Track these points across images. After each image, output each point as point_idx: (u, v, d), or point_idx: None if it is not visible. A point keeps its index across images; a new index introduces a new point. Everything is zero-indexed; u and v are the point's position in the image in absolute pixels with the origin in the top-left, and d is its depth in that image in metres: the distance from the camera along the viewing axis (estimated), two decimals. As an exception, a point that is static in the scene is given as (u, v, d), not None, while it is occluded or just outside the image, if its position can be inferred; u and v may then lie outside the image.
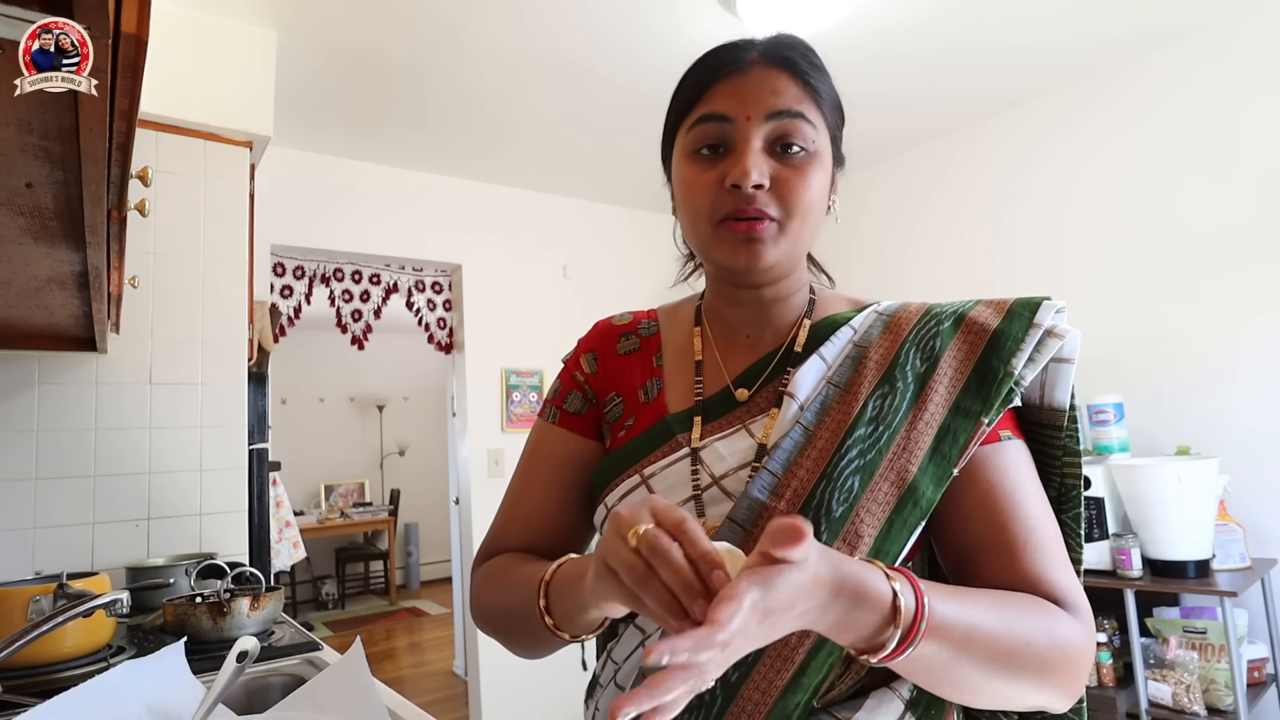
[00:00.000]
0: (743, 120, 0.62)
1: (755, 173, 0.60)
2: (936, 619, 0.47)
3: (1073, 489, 0.65)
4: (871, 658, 0.46)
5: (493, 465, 3.21)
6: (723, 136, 0.63)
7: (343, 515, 6.28)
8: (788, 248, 0.64)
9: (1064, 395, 0.64)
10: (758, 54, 0.64)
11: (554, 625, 0.57)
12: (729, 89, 0.63)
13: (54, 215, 0.78)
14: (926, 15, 2.15)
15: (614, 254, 3.67)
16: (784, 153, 0.62)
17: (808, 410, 0.63)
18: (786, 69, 0.63)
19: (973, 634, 0.49)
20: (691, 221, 0.66)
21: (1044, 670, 0.52)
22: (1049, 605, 0.54)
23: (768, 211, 0.62)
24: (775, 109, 0.62)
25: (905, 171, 3.17)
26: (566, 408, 0.77)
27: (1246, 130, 2.19)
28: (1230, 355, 2.20)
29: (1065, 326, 0.63)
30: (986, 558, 0.58)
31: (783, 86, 0.63)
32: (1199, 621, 2.00)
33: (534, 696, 3.09)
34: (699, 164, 0.64)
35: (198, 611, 1.26)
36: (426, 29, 2.11)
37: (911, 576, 0.48)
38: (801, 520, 0.40)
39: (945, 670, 0.49)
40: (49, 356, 1.70)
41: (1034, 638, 0.51)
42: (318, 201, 2.90)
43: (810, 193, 0.63)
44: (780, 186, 0.62)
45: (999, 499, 0.59)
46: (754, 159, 0.61)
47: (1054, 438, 0.65)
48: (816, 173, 0.63)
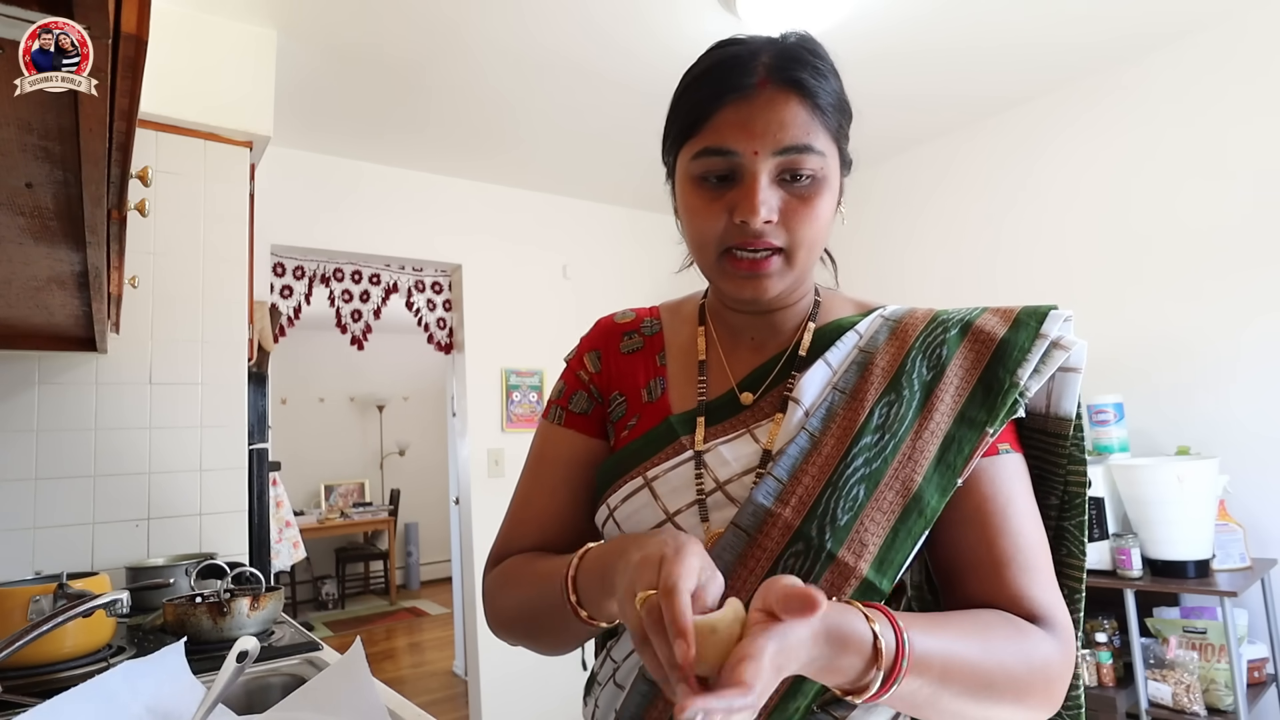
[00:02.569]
0: (750, 155, 0.60)
1: (764, 209, 0.59)
2: (917, 656, 0.47)
3: (1077, 497, 0.65)
4: (858, 698, 0.47)
5: (493, 465, 3.21)
6: (729, 169, 0.61)
7: (343, 515, 6.28)
8: (794, 278, 0.64)
9: (1071, 405, 0.64)
10: (765, 73, 0.61)
11: (588, 616, 0.57)
12: (735, 118, 0.60)
13: (54, 215, 0.78)
14: (927, 15, 2.15)
15: (614, 254, 3.67)
16: (792, 180, 0.61)
17: (813, 416, 0.63)
18: (795, 91, 0.60)
19: (952, 665, 0.50)
20: (698, 248, 0.65)
21: (1020, 692, 0.53)
22: (1025, 626, 0.55)
23: (774, 243, 0.61)
24: (783, 144, 0.59)
25: (906, 171, 3.17)
26: (572, 408, 0.76)
27: (1247, 130, 2.19)
28: (1230, 355, 2.20)
29: (1072, 337, 0.63)
30: (973, 572, 0.59)
31: (790, 116, 0.60)
32: (1199, 621, 2.00)
33: (534, 696, 3.09)
34: (704, 192, 0.62)
35: (198, 611, 1.26)
36: (427, 28, 2.11)
37: (890, 614, 0.48)
38: (815, 591, 0.41)
39: (928, 701, 0.50)
40: (49, 356, 1.70)
41: (1011, 662, 0.53)
42: (318, 201, 2.90)
43: (818, 222, 0.62)
44: (788, 217, 0.61)
45: (990, 514, 0.59)
46: (763, 194, 0.59)
47: (1059, 446, 0.65)
48: (824, 199, 0.62)
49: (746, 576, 0.58)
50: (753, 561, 0.58)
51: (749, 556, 0.59)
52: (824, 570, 0.57)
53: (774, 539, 0.58)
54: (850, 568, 0.56)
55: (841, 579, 0.56)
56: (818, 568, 0.57)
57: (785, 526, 0.58)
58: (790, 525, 0.58)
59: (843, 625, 0.45)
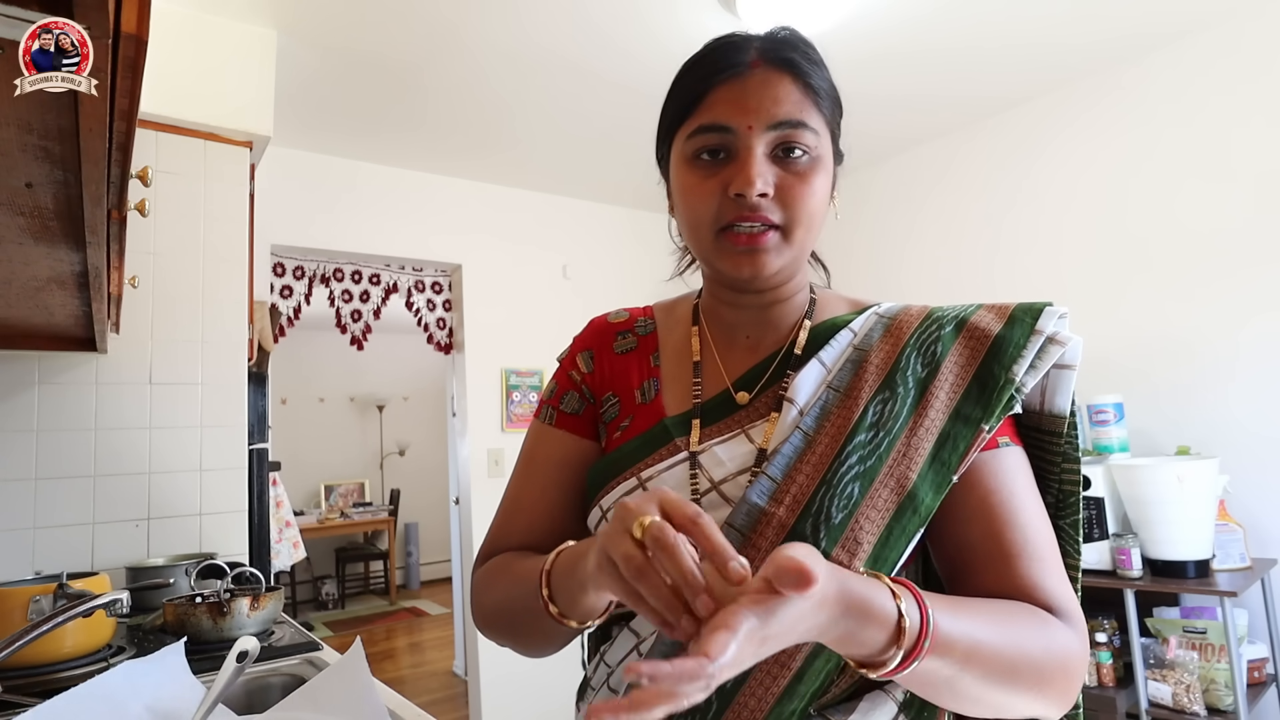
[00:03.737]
0: (744, 130, 0.60)
1: (760, 181, 0.59)
2: (940, 635, 0.47)
3: (1071, 495, 0.65)
4: (873, 672, 0.46)
5: (493, 465, 3.21)
6: (724, 144, 0.62)
7: (343, 515, 6.28)
8: (792, 255, 0.64)
9: (1064, 402, 0.63)
10: (757, 55, 0.62)
11: (559, 614, 0.56)
12: (729, 95, 0.61)
13: (54, 215, 0.78)
14: (926, 15, 2.15)
15: (614, 254, 3.67)
16: (786, 157, 0.62)
17: (807, 415, 0.63)
18: (788, 71, 0.62)
19: (975, 649, 0.49)
20: (692, 229, 0.65)
21: (1041, 682, 0.52)
22: (1046, 616, 0.55)
23: (771, 219, 0.61)
24: (777, 119, 0.60)
25: (905, 171, 3.17)
26: (563, 408, 0.76)
27: (1246, 131, 2.19)
28: (1230, 355, 2.20)
29: (1067, 334, 0.62)
30: (982, 565, 0.58)
31: (784, 93, 0.61)
32: (1199, 621, 2.00)
33: (534, 696, 3.09)
34: (700, 170, 0.63)
35: (198, 611, 1.26)
36: (426, 29, 2.11)
37: (916, 591, 0.48)
38: (811, 566, 0.39)
39: (946, 683, 0.49)
40: (49, 356, 1.70)
41: (1033, 650, 0.52)
42: (317, 201, 2.90)
43: (814, 199, 0.62)
44: (784, 193, 0.61)
45: (995, 506, 0.59)
46: (758, 167, 0.60)
47: (1053, 444, 0.65)
48: (819, 177, 0.62)
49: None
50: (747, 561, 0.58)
51: (743, 556, 0.58)
52: None
53: (768, 538, 0.58)
54: (844, 566, 0.55)
55: None
56: None
57: (779, 526, 0.58)
58: (784, 524, 0.58)
59: (868, 597, 0.44)
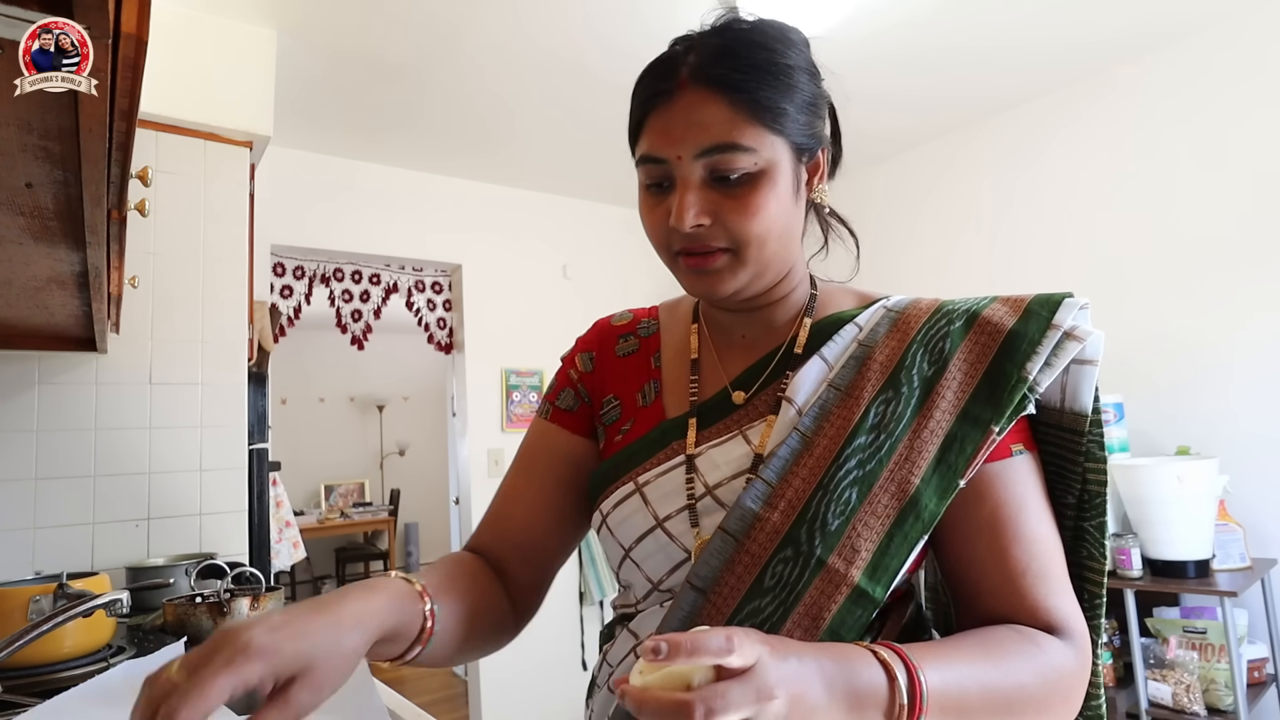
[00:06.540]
0: (675, 160, 0.59)
1: (690, 214, 0.58)
2: (934, 695, 0.47)
3: (1096, 496, 0.62)
4: None
5: (493, 465, 3.21)
6: (664, 175, 0.61)
7: (343, 515, 6.28)
8: (752, 273, 0.62)
9: (1087, 399, 0.60)
10: (687, 74, 0.59)
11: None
12: (659, 124, 0.60)
13: (54, 215, 0.78)
14: (927, 15, 2.15)
15: (614, 254, 3.67)
16: (725, 183, 0.59)
17: (806, 415, 0.61)
18: (716, 89, 0.58)
19: (969, 696, 0.49)
20: (656, 250, 0.66)
21: (1041, 709, 0.52)
22: (1040, 639, 0.54)
23: (717, 245, 0.60)
24: (704, 145, 0.57)
25: (905, 171, 3.17)
26: (559, 404, 0.77)
27: (1245, 131, 2.19)
28: (1229, 355, 2.20)
29: (1087, 327, 0.59)
30: (987, 582, 0.57)
31: (710, 116, 0.58)
32: (1199, 621, 2.00)
33: (534, 696, 3.09)
34: (650, 198, 0.63)
35: (198, 611, 1.26)
36: (426, 29, 2.11)
37: (902, 652, 0.47)
38: (659, 637, 0.40)
39: None
40: (49, 356, 1.70)
41: (1029, 681, 0.52)
42: (318, 201, 2.90)
43: (759, 216, 0.59)
44: (726, 217, 0.59)
45: (1003, 520, 0.57)
46: (688, 200, 0.58)
47: (1076, 442, 0.61)
48: (764, 192, 0.58)
49: (734, 583, 0.57)
50: (740, 567, 0.57)
51: (736, 562, 0.57)
52: (813, 577, 0.55)
53: (761, 544, 0.57)
54: (841, 575, 0.54)
55: (832, 586, 0.54)
56: (807, 574, 0.55)
57: (774, 531, 0.57)
58: (779, 530, 0.57)
59: (856, 681, 0.45)
